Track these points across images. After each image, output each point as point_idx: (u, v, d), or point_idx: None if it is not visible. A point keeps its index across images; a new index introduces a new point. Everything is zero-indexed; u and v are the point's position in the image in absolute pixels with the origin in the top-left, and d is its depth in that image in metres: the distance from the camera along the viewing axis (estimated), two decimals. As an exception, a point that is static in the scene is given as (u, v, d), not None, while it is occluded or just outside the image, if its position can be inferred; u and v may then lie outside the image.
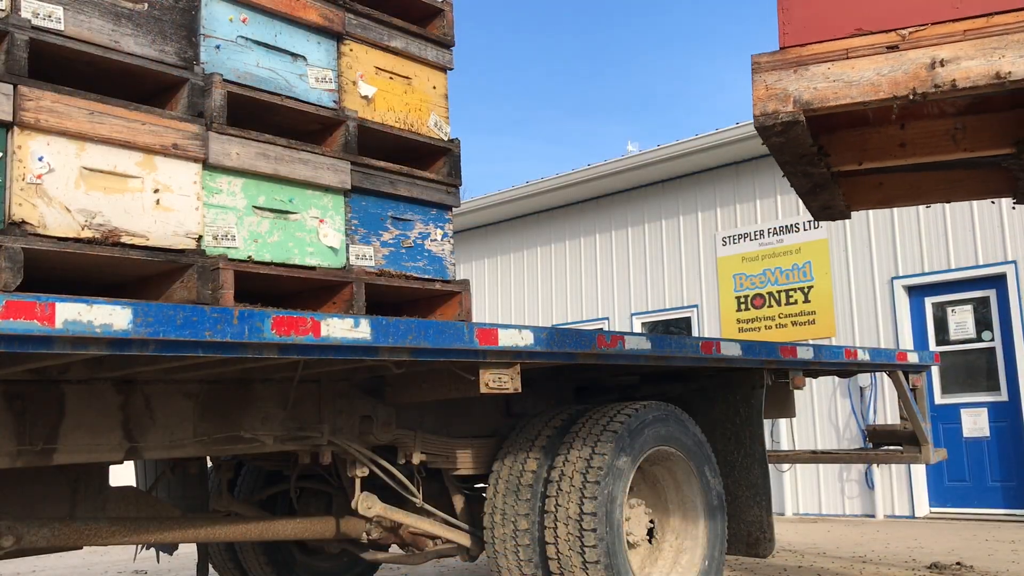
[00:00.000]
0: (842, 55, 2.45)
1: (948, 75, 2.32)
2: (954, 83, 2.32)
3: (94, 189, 2.62)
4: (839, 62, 2.46)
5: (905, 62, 2.38)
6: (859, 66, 2.43)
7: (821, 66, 2.47)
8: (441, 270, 3.60)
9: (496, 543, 3.98)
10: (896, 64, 2.38)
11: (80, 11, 2.70)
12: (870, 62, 2.42)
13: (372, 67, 3.51)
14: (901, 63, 2.38)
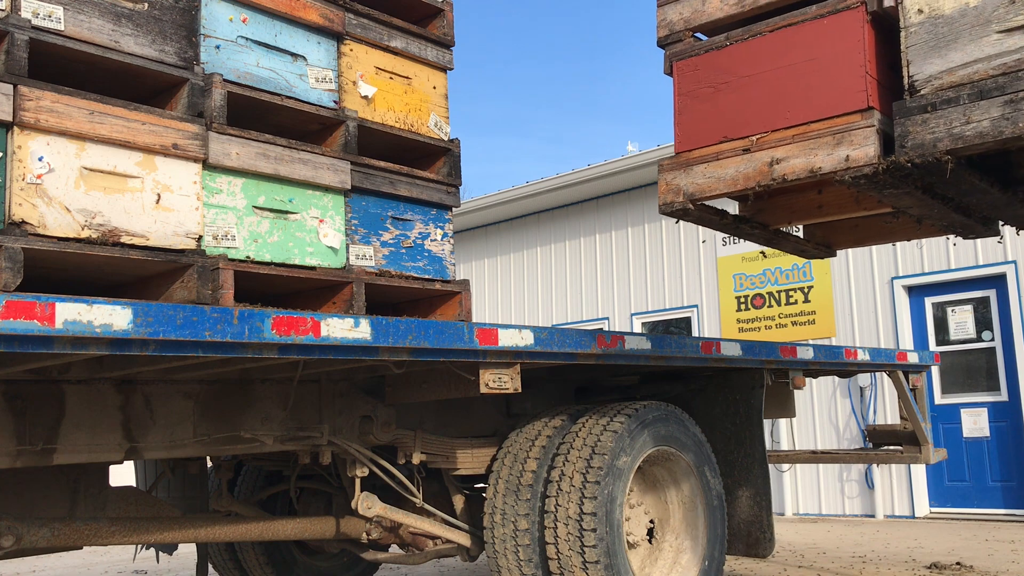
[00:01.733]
0: (714, 157, 3.19)
1: (781, 170, 3.01)
2: (784, 176, 3.01)
3: (94, 189, 2.62)
4: (712, 163, 3.19)
5: (754, 161, 3.08)
6: (725, 165, 3.16)
7: (701, 166, 3.20)
8: (441, 270, 3.60)
9: (496, 543, 3.98)
10: (748, 163, 3.09)
11: (80, 11, 2.70)
12: (732, 162, 3.14)
13: (372, 67, 3.51)
14: (751, 162, 3.08)
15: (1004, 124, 2.61)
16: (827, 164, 2.91)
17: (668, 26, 3.38)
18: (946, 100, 2.71)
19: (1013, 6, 2.63)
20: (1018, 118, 2.58)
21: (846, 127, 2.91)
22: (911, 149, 2.74)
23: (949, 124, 2.70)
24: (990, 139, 2.63)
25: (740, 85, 3.17)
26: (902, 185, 2.94)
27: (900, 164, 2.77)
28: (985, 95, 2.65)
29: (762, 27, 3.14)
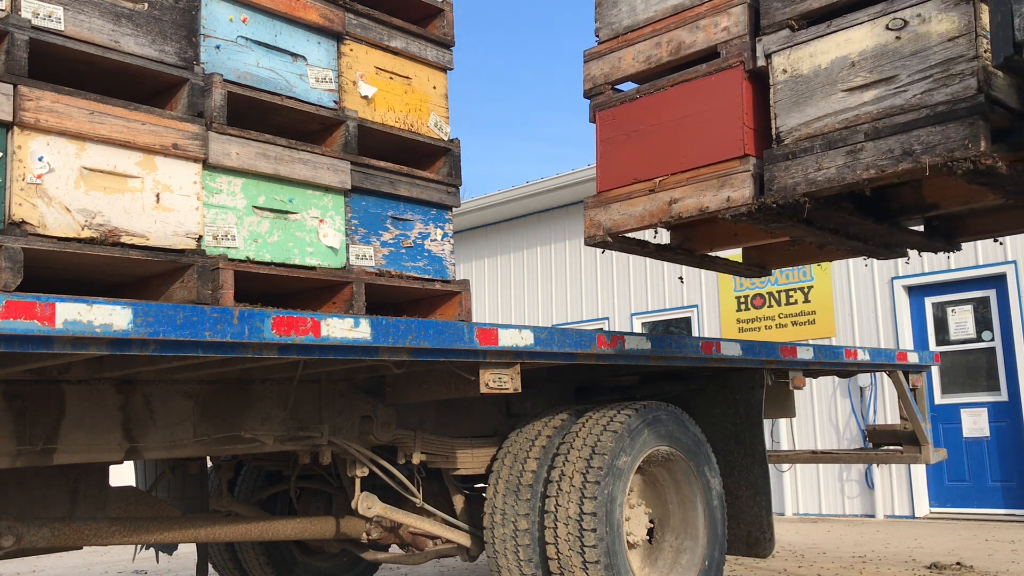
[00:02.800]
0: (627, 196, 3.59)
1: (678, 209, 3.41)
2: (680, 214, 3.41)
3: (94, 189, 2.62)
4: (625, 201, 3.59)
5: (657, 200, 3.49)
6: (635, 204, 3.57)
7: (616, 204, 3.62)
8: (441, 270, 3.60)
9: (496, 543, 3.98)
10: (653, 202, 3.51)
11: (80, 11, 2.70)
12: (640, 201, 3.55)
13: (372, 67, 3.51)
14: (655, 201, 3.49)
15: (846, 171, 2.98)
16: (713, 204, 3.31)
17: (591, 80, 3.79)
18: (803, 149, 3.09)
19: (853, 68, 3.02)
20: (857, 165, 2.94)
21: (728, 171, 3.29)
22: (776, 192, 3.13)
23: (805, 170, 3.08)
24: (836, 183, 3.01)
25: (647, 133, 3.58)
26: (781, 220, 3.31)
27: (767, 205, 3.16)
28: (832, 145, 3.03)
29: (664, 82, 3.56)
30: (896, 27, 2.91)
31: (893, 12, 2.93)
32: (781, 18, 3.25)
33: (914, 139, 2.81)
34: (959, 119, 2.73)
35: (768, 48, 3.27)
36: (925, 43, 2.85)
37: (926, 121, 2.80)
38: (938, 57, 2.82)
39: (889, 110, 2.91)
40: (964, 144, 2.69)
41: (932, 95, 2.82)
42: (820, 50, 3.14)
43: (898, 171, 2.85)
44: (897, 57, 2.90)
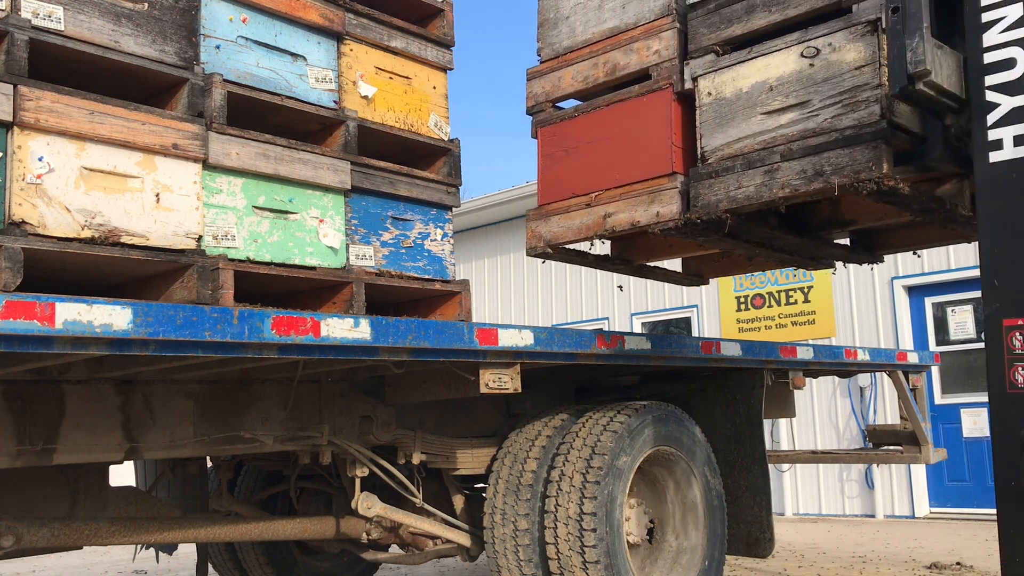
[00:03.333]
0: (565, 210, 3.77)
1: (611, 223, 3.58)
2: (614, 228, 3.58)
3: (94, 189, 2.62)
4: (564, 214, 3.77)
5: (593, 214, 3.64)
6: (573, 217, 3.74)
7: (556, 216, 3.79)
8: (441, 270, 3.59)
9: (496, 543, 3.98)
10: (589, 216, 3.67)
11: (80, 11, 2.70)
12: (577, 214, 3.72)
13: (372, 67, 3.50)
14: (591, 215, 3.65)
15: (764, 189, 3.15)
16: (644, 218, 3.48)
17: (533, 97, 3.97)
18: (726, 168, 3.26)
19: (771, 92, 3.19)
20: (773, 184, 3.11)
21: (657, 188, 3.47)
22: (700, 208, 3.30)
23: (727, 188, 3.25)
24: (754, 201, 3.18)
25: (585, 150, 3.75)
26: (707, 234, 3.49)
27: (693, 220, 3.32)
28: (752, 165, 3.20)
29: (600, 101, 3.72)
30: (810, 55, 3.08)
31: (807, 41, 3.09)
32: (707, 43, 3.42)
33: (825, 160, 2.99)
34: (864, 143, 2.89)
35: (695, 71, 3.44)
36: (835, 71, 3.02)
37: (835, 144, 2.97)
38: (846, 84, 3.00)
39: (803, 133, 3.07)
40: (869, 166, 2.86)
41: (841, 119, 2.99)
42: (742, 75, 3.30)
43: (810, 190, 3.02)
44: (810, 83, 3.08)
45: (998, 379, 2.50)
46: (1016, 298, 2.48)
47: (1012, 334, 2.49)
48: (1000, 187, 2.54)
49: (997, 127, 2.57)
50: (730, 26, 3.36)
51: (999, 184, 2.54)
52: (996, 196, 2.54)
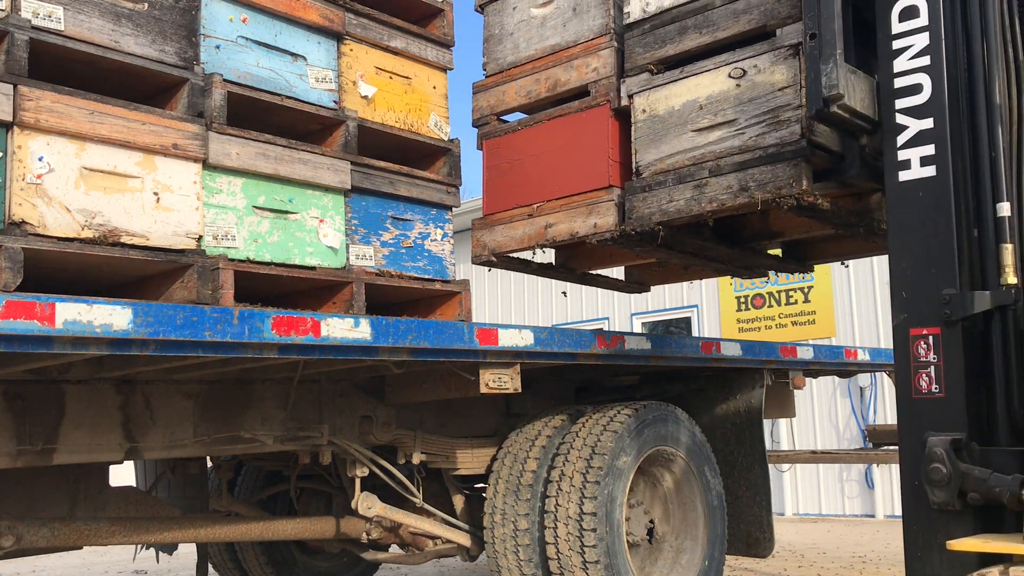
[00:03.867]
0: (509, 220, 3.93)
1: (552, 233, 3.75)
2: (554, 238, 3.75)
3: (94, 189, 2.62)
4: (507, 224, 3.93)
5: (535, 224, 3.81)
6: (516, 227, 3.90)
7: (500, 226, 3.95)
8: (441, 270, 3.60)
9: (496, 543, 3.98)
10: (531, 226, 3.84)
11: (80, 11, 2.70)
12: (520, 224, 3.89)
13: (372, 67, 3.50)
14: (533, 225, 3.81)
15: (693, 203, 3.29)
16: (582, 229, 3.64)
17: (479, 110, 4.11)
18: (658, 183, 3.41)
19: (701, 111, 3.33)
20: (702, 199, 3.27)
21: (595, 200, 3.62)
22: (634, 220, 3.46)
23: (659, 202, 3.40)
24: (684, 214, 3.32)
25: (527, 162, 3.89)
26: (643, 245, 3.63)
27: (627, 232, 3.46)
28: (682, 180, 3.34)
29: (542, 116, 3.87)
30: (737, 76, 3.22)
31: (734, 62, 3.23)
32: (642, 62, 3.55)
33: (750, 177, 3.13)
34: (786, 160, 3.03)
35: (631, 89, 3.57)
36: (760, 91, 3.17)
37: (759, 161, 3.11)
38: (770, 104, 3.14)
39: (730, 150, 3.21)
40: (790, 182, 3.01)
41: (765, 138, 3.13)
42: (674, 93, 3.44)
43: (736, 205, 3.16)
44: (737, 103, 3.22)
45: (905, 385, 2.60)
46: (921, 309, 2.58)
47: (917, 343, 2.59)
48: (908, 204, 2.66)
49: (906, 148, 2.68)
50: (663, 47, 3.50)
51: (907, 201, 2.66)
52: (904, 213, 2.66)
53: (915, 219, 2.64)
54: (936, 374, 2.55)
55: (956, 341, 2.53)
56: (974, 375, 2.54)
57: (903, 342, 2.63)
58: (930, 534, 2.49)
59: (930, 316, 2.57)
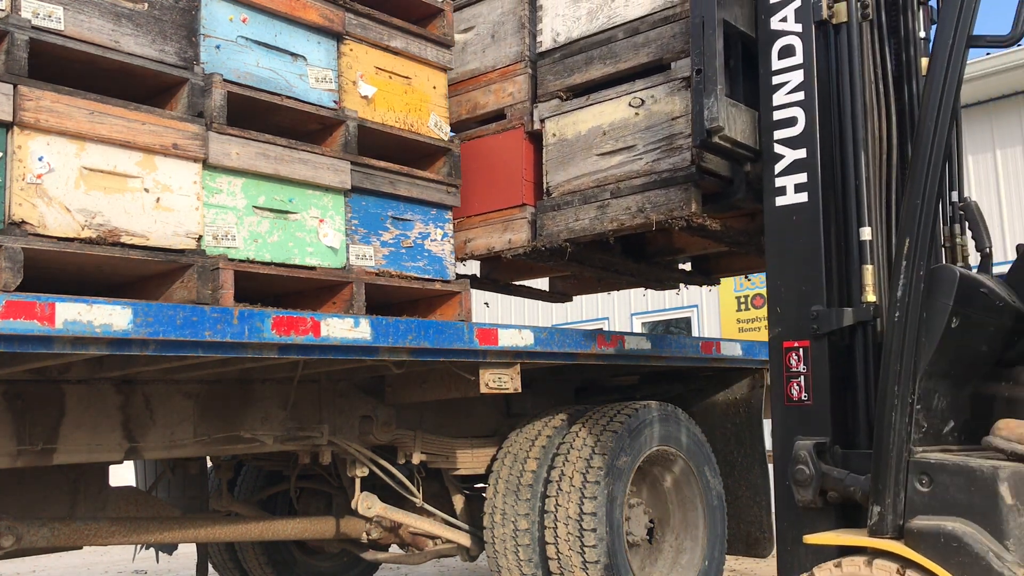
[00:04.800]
0: None
1: (471, 247, 3.96)
2: (473, 252, 3.96)
3: (94, 189, 2.62)
4: None
5: (456, 239, 3.93)
6: None
7: None
8: (441, 270, 3.60)
9: (496, 543, 3.98)
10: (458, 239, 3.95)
11: (80, 11, 2.70)
12: None
13: (372, 67, 3.50)
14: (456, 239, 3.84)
15: (596, 222, 3.51)
16: (498, 244, 3.87)
17: None
18: (566, 202, 3.64)
19: (605, 136, 3.53)
20: (604, 218, 3.49)
21: (510, 218, 3.84)
22: (544, 237, 3.70)
23: (567, 220, 3.63)
24: (589, 232, 3.54)
25: None
26: (554, 259, 3.84)
27: (538, 248, 3.69)
28: (587, 200, 3.56)
29: (472, 133, 4.07)
30: (636, 105, 3.43)
31: (634, 92, 3.45)
32: (553, 89, 3.78)
33: (646, 199, 3.35)
34: (678, 184, 3.27)
35: (543, 114, 3.79)
36: (656, 120, 3.38)
37: (655, 185, 3.34)
38: (665, 132, 3.36)
39: (629, 174, 3.43)
40: (681, 205, 3.25)
41: (660, 163, 3.35)
42: (581, 119, 3.65)
43: (634, 224, 3.38)
44: (636, 130, 3.43)
45: (779, 393, 2.80)
46: (793, 324, 2.78)
47: (790, 354, 2.78)
48: (783, 227, 2.86)
49: (782, 175, 2.88)
50: (572, 75, 3.71)
51: (782, 225, 2.86)
52: (780, 235, 2.86)
53: (789, 241, 2.83)
54: (805, 383, 2.74)
55: (823, 353, 2.71)
56: (839, 384, 2.71)
57: (778, 354, 2.82)
58: (797, 529, 2.63)
59: (801, 330, 2.76)
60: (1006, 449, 2.26)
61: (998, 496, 2.15)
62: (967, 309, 2.43)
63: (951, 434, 2.51)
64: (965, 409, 2.57)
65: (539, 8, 3.85)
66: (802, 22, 2.90)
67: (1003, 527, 2.13)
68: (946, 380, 2.48)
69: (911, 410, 2.36)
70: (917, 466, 2.31)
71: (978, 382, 2.64)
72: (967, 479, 2.21)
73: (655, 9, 3.45)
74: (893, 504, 2.31)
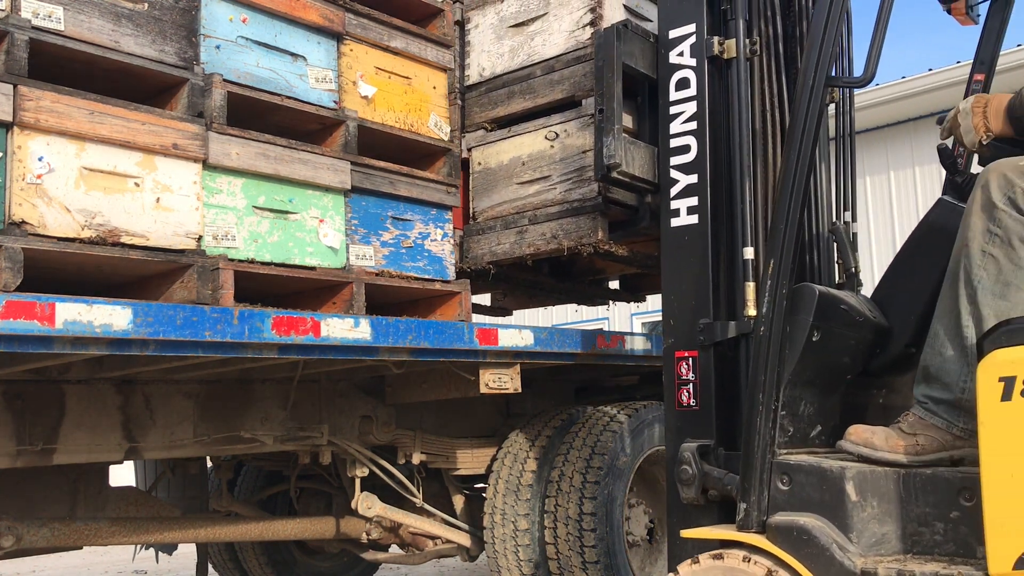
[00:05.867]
0: None
1: None
2: None
3: (94, 189, 2.62)
4: None
5: None
6: None
7: None
8: (441, 270, 3.60)
9: (496, 543, 3.98)
10: None
11: (80, 11, 2.70)
12: None
13: (372, 67, 3.50)
14: None
15: (515, 247, 3.74)
16: None
17: None
18: (489, 227, 3.85)
19: (524, 167, 3.76)
20: (522, 243, 3.73)
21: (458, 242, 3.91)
22: (470, 259, 3.90)
23: (490, 244, 3.84)
24: (509, 256, 3.76)
25: None
26: (482, 280, 4.01)
27: (465, 269, 3.86)
28: (508, 226, 3.79)
29: None
30: (551, 138, 3.64)
31: (550, 126, 3.67)
32: (479, 120, 3.97)
33: (559, 226, 3.58)
34: (587, 213, 3.49)
35: (469, 143, 3.97)
36: (569, 152, 3.59)
37: (567, 213, 3.57)
38: (576, 164, 3.57)
39: (545, 202, 3.65)
40: (589, 233, 3.48)
41: (571, 193, 3.57)
42: (503, 150, 3.86)
43: (549, 250, 3.60)
44: (551, 161, 3.64)
45: (671, 399, 3.03)
46: (683, 335, 3.04)
47: (680, 363, 3.03)
48: (676, 247, 3.10)
49: (677, 199, 3.11)
50: (495, 108, 3.91)
51: (676, 244, 3.11)
52: (673, 254, 3.11)
53: (681, 260, 3.08)
54: (693, 390, 2.98)
55: (709, 363, 2.94)
56: (724, 391, 2.93)
57: (670, 363, 3.06)
58: (684, 524, 2.80)
59: (690, 341, 3.01)
60: (853, 452, 2.47)
61: (844, 493, 2.34)
62: (827, 324, 2.62)
63: (819, 437, 2.71)
64: (835, 414, 2.76)
65: (468, 44, 4.07)
66: (696, 57, 3.10)
67: (848, 521, 2.33)
68: (812, 388, 2.66)
69: (775, 416, 2.54)
70: (779, 467, 2.50)
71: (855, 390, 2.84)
72: (819, 478, 2.40)
73: (568, 49, 3.66)
74: (758, 501, 2.49)
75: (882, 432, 2.46)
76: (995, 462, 2.09)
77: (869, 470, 2.40)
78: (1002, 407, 2.08)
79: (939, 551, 2.27)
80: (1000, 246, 2.32)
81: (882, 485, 2.38)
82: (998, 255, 2.32)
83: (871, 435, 2.47)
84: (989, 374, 2.11)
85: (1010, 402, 2.06)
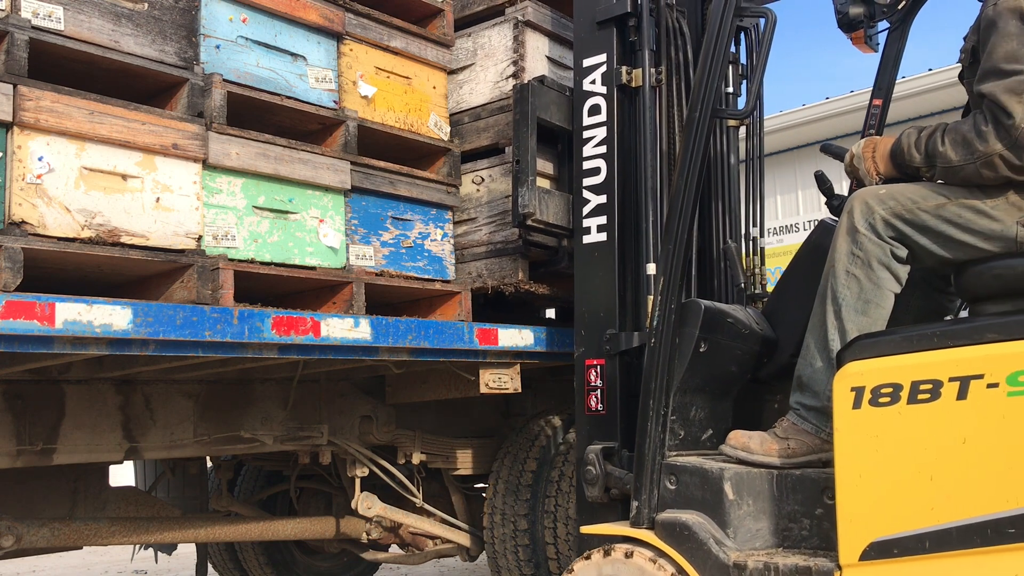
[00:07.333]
0: None
1: None
2: None
3: (94, 189, 2.62)
4: None
5: None
6: None
7: None
8: (441, 270, 3.60)
9: (496, 543, 3.98)
10: None
11: (80, 11, 2.70)
12: None
13: (372, 67, 3.50)
14: None
15: None
16: None
17: None
18: None
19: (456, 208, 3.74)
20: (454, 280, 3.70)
21: None
22: None
23: None
24: None
25: None
26: None
27: None
28: None
29: None
30: (478, 182, 3.79)
31: (477, 170, 3.80)
32: None
33: (484, 266, 3.72)
34: (508, 254, 3.62)
35: None
36: (494, 196, 3.73)
37: (492, 254, 3.71)
38: (500, 208, 3.70)
39: (472, 242, 3.77)
40: (510, 273, 3.62)
41: (496, 235, 3.71)
42: None
43: (475, 287, 3.69)
44: (479, 203, 3.77)
45: (581, 404, 3.22)
46: (593, 344, 3.23)
47: (590, 371, 3.21)
48: (587, 262, 3.30)
49: (588, 217, 3.32)
50: None
51: (587, 260, 3.30)
52: (584, 269, 3.31)
53: (591, 274, 3.27)
54: (601, 396, 3.17)
55: (615, 370, 3.14)
56: (629, 397, 3.09)
57: (581, 370, 3.24)
58: (591, 522, 2.95)
59: (599, 350, 3.20)
60: (732, 455, 2.66)
61: (723, 493, 2.53)
62: (714, 336, 2.82)
63: (709, 440, 2.89)
64: (727, 419, 2.96)
65: None
66: (607, 85, 3.30)
67: (726, 518, 2.52)
68: (702, 395, 2.86)
69: (665, 420, 2.74)
70: (668, 468, 2.69)
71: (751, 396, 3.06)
72: (702, 479, 2.59)
73: (493, 99, 3.80)
74: (648, 499, 2.68)
75: (758, 436, 2.65)
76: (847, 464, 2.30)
77: (746, 471, 2.58)
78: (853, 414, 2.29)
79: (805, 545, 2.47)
80: (861, 267, 2.54)
81: (757, 485, 2.56)
82: (859, 275, 2.54)
83: (748, 439, 2.65)
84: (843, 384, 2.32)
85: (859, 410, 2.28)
